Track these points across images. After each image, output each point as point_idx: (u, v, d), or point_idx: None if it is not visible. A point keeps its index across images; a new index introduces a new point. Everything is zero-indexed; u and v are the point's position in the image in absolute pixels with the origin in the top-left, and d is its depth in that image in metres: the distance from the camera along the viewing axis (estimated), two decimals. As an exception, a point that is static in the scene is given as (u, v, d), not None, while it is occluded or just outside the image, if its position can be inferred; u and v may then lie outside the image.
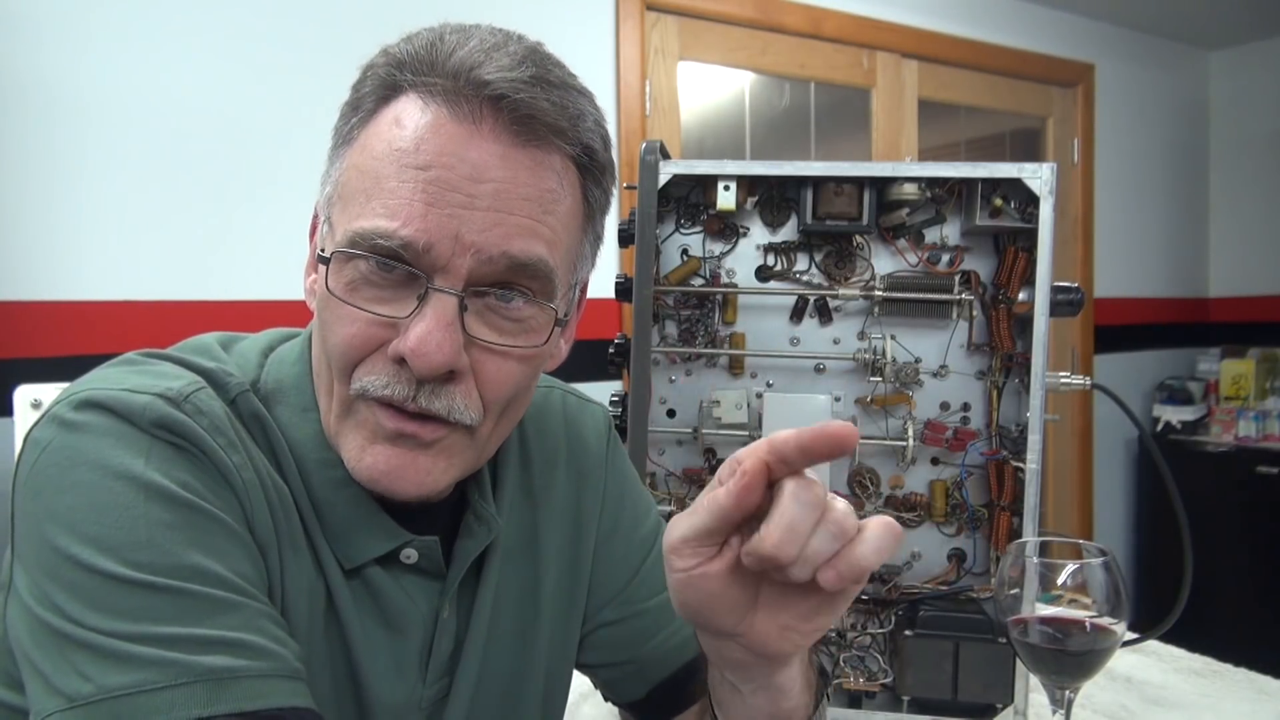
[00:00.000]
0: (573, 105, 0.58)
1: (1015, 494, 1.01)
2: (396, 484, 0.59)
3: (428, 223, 0.55)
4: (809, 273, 1.07)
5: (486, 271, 0.57)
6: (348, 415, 0.60)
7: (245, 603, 0.54)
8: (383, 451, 0.59)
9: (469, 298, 0.57)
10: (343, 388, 0.59)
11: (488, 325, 0.58)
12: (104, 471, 0.54)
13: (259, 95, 2.02)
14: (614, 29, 2.51)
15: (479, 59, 0.56)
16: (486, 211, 0.55)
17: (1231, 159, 3.96)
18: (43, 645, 0.51)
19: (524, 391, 0.63)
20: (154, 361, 0.62)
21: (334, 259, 0.57)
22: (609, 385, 1.48)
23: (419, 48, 0.57)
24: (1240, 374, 3.62)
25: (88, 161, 1.88)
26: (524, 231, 0.57)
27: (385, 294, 0.57)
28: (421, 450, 0.59)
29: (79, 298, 1.88)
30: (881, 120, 3.04)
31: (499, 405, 0.61)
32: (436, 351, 0.55)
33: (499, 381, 0.60)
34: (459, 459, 0.61)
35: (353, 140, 0.60)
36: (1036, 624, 0.73)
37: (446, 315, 0.56)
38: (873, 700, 1.06)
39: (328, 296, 0.58)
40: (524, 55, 0.57)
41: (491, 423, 0.62)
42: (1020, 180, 0.98)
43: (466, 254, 0.55)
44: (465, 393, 0.58)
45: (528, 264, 0.57)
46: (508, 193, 0.56)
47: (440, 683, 0.68)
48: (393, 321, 0.57)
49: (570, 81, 0.60)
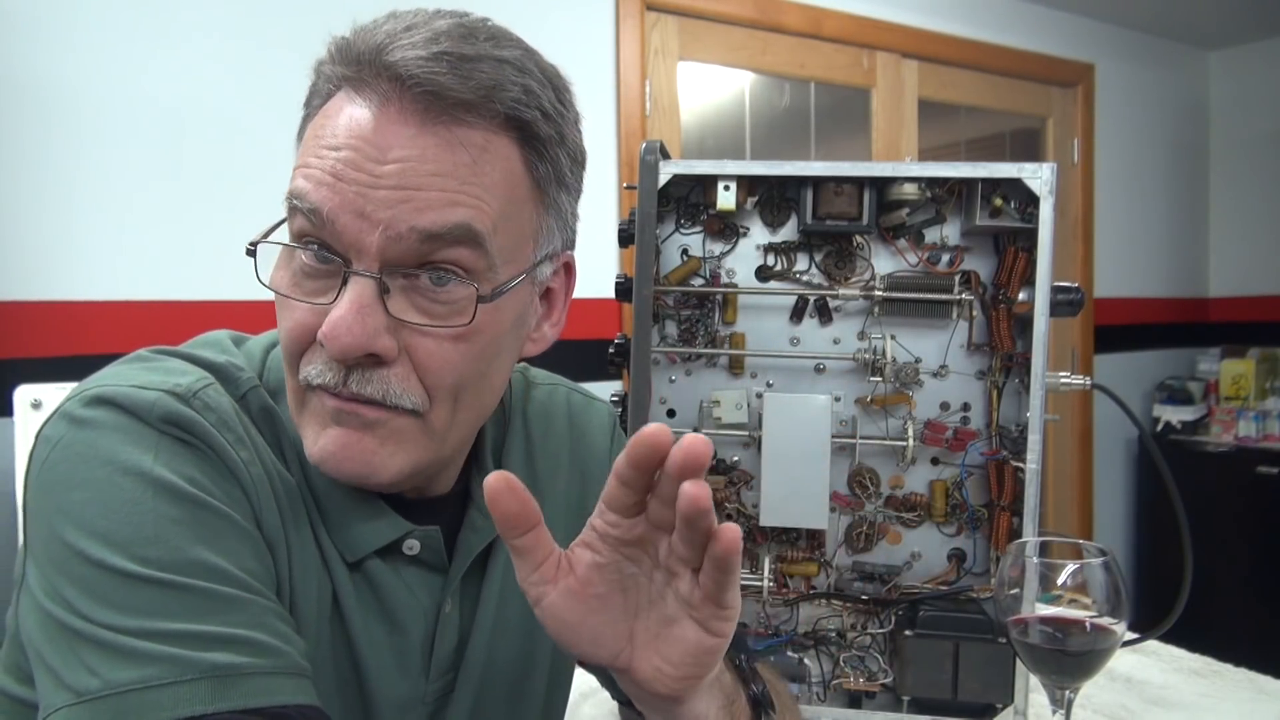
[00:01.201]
0: (485, 76, 0.57)
1: (1015, 494, 1.01)
2: (344, 464, 0.59)
3: (334, 194, 0.56)
4: (809, 273, 1.07)
5: (401, 250, 0.56)
6: (302, 407, 0.61)
7: (252, 599, 0.54)
8: (331, 433, 0.59)
9: (392, 279, 0.57)
10: (293, 380, 0.60)
11: (414, 307, 0.58)
12: (113, 467, 0.54)
13: (260, 95, 2.02)
14: (614, 29, 2.51)
15: (387, 42, 0.56)
16: (392, 189, 0.56)
17: (1231, 159, 3.96)
18: (52, 640, 0.52)
19: (479, 376, 0.62)
20: (164, 358, 0.62)
21: (266, 250, 0.60)
22: (609, 385, 1.48)
23: (350, 36, 0.59)
24: (1240, 374, 3.61)
25: (88, 161, 1.88)
26: (435, 204, 0.56)
27: (319, 284, 0.58)
28: (366, 431, 0.59)
29: (79, 298, 1.88)
30: (881, 120, 3.04)
31: (446, 391, 0.60)
32: (346, 334, 0.55)
33: (435, 364, 0.59)
34: (410, 446, 0.61)
35: (302, 140, 0.62)
36: (1036, 624, 0.73)
37: (361, 299, 0.56)
38: (873, 700, 1.06)
39: (275, 294, 0.60)
40: (442, 31, 0.57)
41: (445, 410, 0.61)
42: (1020, 180, 0.97)
43: (375, 231, 0.55)
44: (401, 377, 0.58)
45: (444, 233, 0.56)
46: (414, 170, 0.56)
47: (444, 678, 0.68)
48: (324, 309, 0.57)
49: (494, 52, 0.58)
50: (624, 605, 0.54)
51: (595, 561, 0.53)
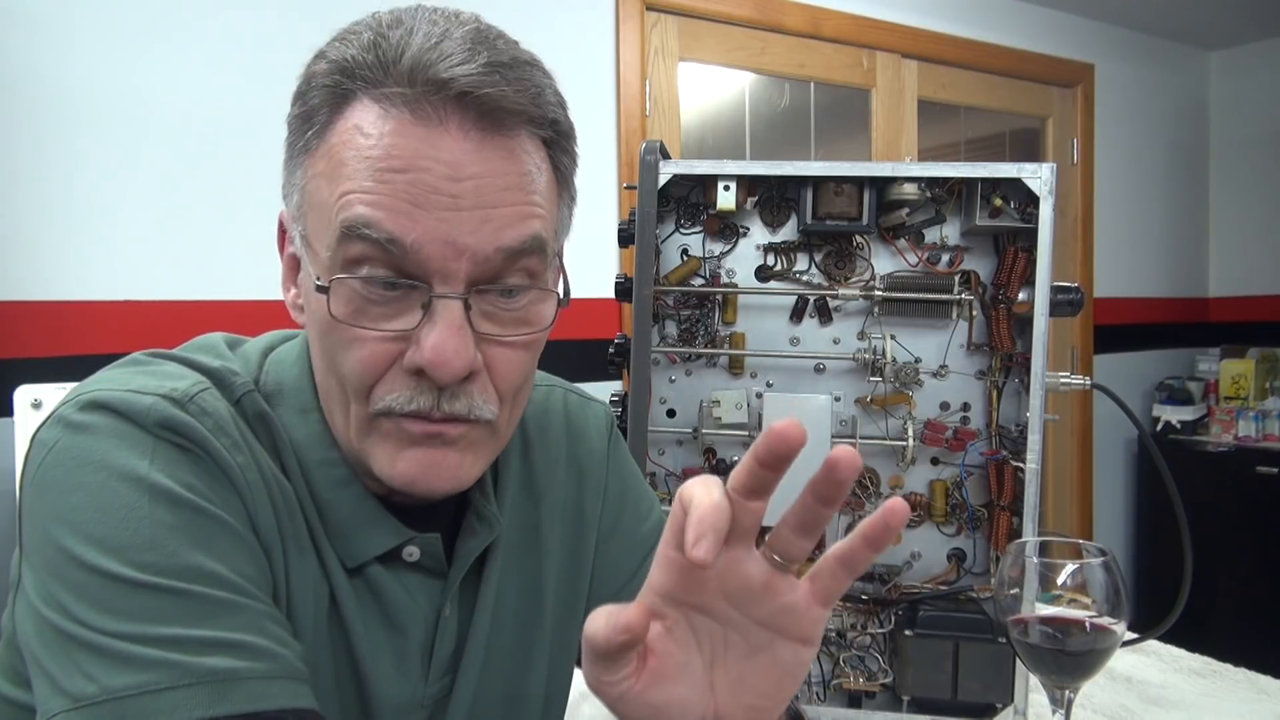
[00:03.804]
0: (532, 83, 0.57)
1: (1015, 494, 1.01)
2: (433, 483, 0.59)
3: (415, 223, 0.54)
4: (809, 273, 1.07)
5: (485, 270, 0.57)
6: (370, 432, 0.59)
7: (248, 604, 0.54)
8: (414, 455, 0.59)
9: (472, 297, 0.57)
10: (361, 408, 0.59)
11: (493, 320, 0.59)
12: (109, 472, 0.54)
13: (260, 95, 2.02)
14: (614, 29, 2.51)
15: (430, 57, 0.54)
16: (473, 210, 0.55)
17: (1231, 159, 3.96)
18: (49, 645, 0.51)
19: (531, 375, 0.64)
20: (160, 361, 0.62)
21: (333, 285, 0.56)
22: (609, 385, 1.48)
23: (362, 50, 0.56)
24: (1240, 374, 3.61)
25: (88, 162, 1.88)
26: (512, 220, 0.56)
27: (389, 309, 0.56)
28: (448, 447, 0.59)
29: (79, 298, 1.88)
30: (881, 120, 3.04)
31: (511, 394, 0.62)
32: (455, 358, 0.55)
33: (510, 372, 0.60)
34: (484, 451, 0.62)
35: (311, 150, 0.58)
36: (1036, 624, 0.73)
37: (456, 320, 0.56)
38: (873, 700, 1.06)
39: (332, 323, 0.57)
40: (472, 40, 0.56)
41: (507, 412, 0.62)
42: (1020, 180, 0.98)
43: (462, 258, 0.55)
44: (482, 389, 0.59)
45: (522, 247, 0.57)
46: (488, 186, 0.55)
47: (442, 681, 0.68)
48: (403, 335, 0.56)
49: (520, 55, 0.58)
50: (702, 661, 0.50)
51: (666, 629, 0.49)
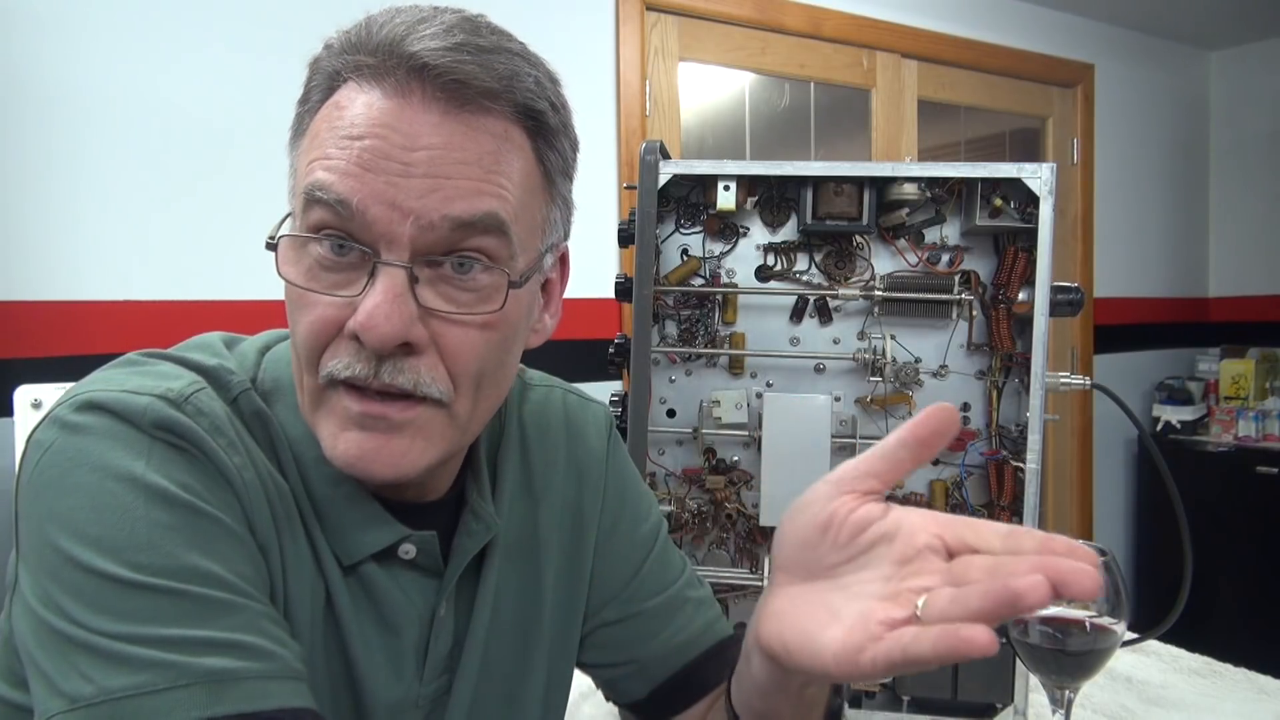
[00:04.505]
0: (504, 66, 0.57)
1: (1015, 494, 1.01)
2: (372, 467, 0.58)
3: (363, 185, 0.55)
4: (809, 273, 1.07)
5: (432, 239, 0.56)
6: (319, 405, 0.60)
7: (245, 604, 0.54)
8: (355, 437, 0.58)
9: (419, 268, 0.57)
10: (311, 378, 0.59)
11: (442, 296, 0.58)
12: (105, 473, 0.54)
13: (260, 95, 2.02)
14: (614, 29, 2.51)
15: (403, 32, 0.56)
16: (423, 178, 0.55)
17: (1231, 159, 3.96)
18: (45, 646, 0.51)
19: (498, 365, 0.62)
20: (155, 361, 0.62)
21: (281, 243, 0.58)
22: (609, 385, 1.48)
23: (353, 32, 0.58)
24: (1240, 374, 3.61)
25: (88, 161, 1.88)
26: (465, 193, 0.56)
27: (341, 277, 0.57)
28: (394, 433, 0.58)
29: (79, 298, 1.88)
30: (881, 120, 3.04)
31: (469, 379, 0.60)
32: (385, 322, 0.55)
33: (463, 353, 0.59)
34: (437, 438, 0.60)
35: (303, 134, 0.60)
36: (1036, 624, 0.73)
37: (395, 287, 0.55)
38: (873, 700, 1.06)
39: (289, 288, 0.58)
40: (454, 24, 0.57)
41: (468, 399, 0.61)
42: (1020, 180, 0.98)
43: (406, 221, 0.55)
44: (430, 366, 0.58)
45: (474, 221, 0.56)
46: (443, 158, 0.56)
47: (439, 681, 0.68)
48: (350, 302, 0.57)
49: (505, 45, 0.59)
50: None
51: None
